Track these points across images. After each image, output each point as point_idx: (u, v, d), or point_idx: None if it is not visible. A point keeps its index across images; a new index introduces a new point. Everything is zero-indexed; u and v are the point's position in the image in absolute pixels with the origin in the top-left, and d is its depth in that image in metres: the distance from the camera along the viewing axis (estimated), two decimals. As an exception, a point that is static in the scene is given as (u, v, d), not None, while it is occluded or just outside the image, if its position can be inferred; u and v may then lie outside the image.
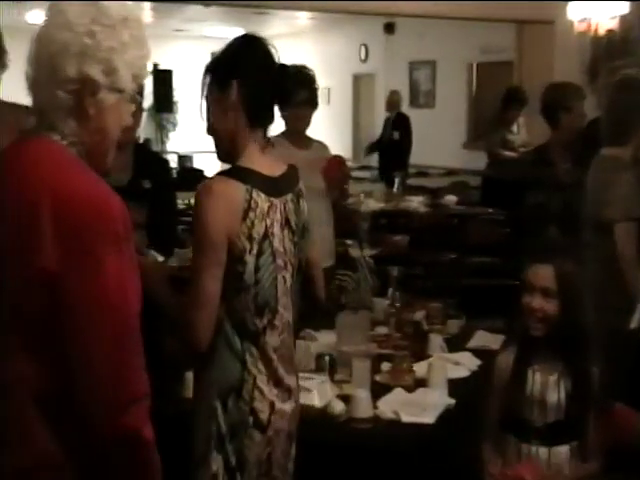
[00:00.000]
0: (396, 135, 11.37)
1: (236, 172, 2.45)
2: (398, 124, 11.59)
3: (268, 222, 2.45)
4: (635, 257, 3.74)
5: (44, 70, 1.77)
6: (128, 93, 1.85)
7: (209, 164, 15.77)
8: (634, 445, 2.75)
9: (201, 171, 14.10)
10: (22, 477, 1.72)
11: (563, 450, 2.73)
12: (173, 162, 16.63)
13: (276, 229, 2.48)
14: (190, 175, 13.86)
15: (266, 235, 2.45)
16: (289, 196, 2.57)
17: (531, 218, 4.96)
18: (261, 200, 2.44)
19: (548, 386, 2.72)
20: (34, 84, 1.80)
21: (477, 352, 3.84)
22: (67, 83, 1.75)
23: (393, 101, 11.79)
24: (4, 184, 1.74)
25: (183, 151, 16.52)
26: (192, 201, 11.36)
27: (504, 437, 2.78)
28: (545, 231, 4.79)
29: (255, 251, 2.42)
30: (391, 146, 11.40)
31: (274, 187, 2.50)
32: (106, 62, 1.77)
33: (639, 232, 3.70)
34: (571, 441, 2.73)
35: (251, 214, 2.41)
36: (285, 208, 2.54)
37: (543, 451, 2.73)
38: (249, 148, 2.49)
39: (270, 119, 2.58)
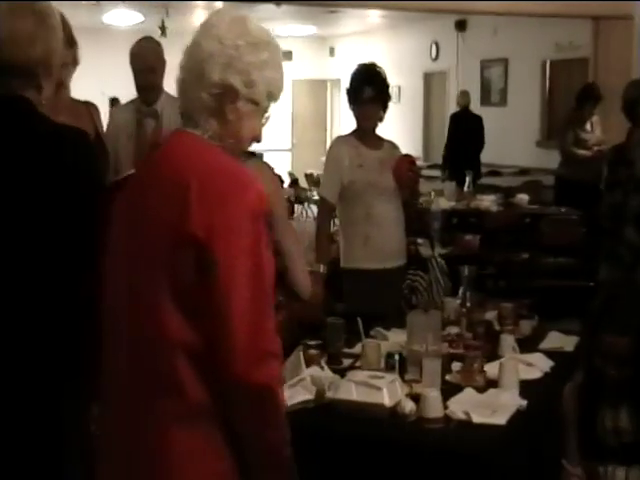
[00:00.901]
0: (461, 134, 11.31)
1: None
2: (465, 122, 11.53)
3: None
4: None
5: (193, 74, 2.02)
6: (262, 107, 2.09)
7: (279, 162, 15.91)
8: None
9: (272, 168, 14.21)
10: (181, 424, 1.92)
11: None
12: (244, 160, 16.80)
13: None
14: (261, 173, 13.98)
15: None
16: None
17: (608, 218, 4.87)
18: None
19: (620, 416, 2.68)
20: (183, 87, 2.07)
21: (550, 353, 3.79)
22: (211, 87, 2.00)
23: (461, 101, 11.75)
24: (161, 170, 2.01)
25: (253, 149, 16.61)
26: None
27: (582, 456, 2.74)
28: (622, 232, 4.71)
29: None
30: (458, 144, 11.33)
31: None
32: (246, 74, 2.01)
33: None
34: None
35: None
36: None
37: (620, 471, 2.69)
38: None
39: None
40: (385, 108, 4.64)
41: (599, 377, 2.69)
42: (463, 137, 11.30)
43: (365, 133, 4.68)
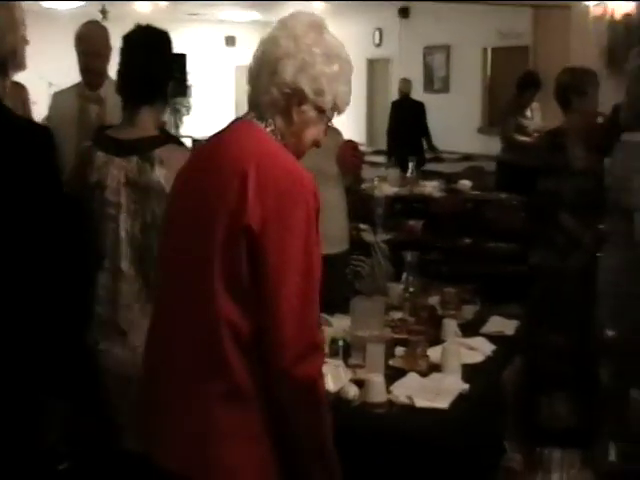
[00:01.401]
0: (402, 121, 11.38)
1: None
2: (406, 109, 11.59)
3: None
4: None
5: (267, 69, 2.13)
6: (326, 116, 2.19)
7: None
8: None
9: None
10: (220, 402, 2.01)
11: (576, 452, 2.74)
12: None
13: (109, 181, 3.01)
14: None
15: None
16: (134, 158, 3.00)
17: (543, 204, 4.93)
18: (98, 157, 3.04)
19: (558, 402, 2.73)
20: (255, 77, 2.18)
21: (491, 337, 3.82)
22: (282, 86, 2.11)
23: (402, 89, 11.81)
24: (222, 157, 2.10)
25: (198, 135, 16.52)
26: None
27: (521, 438, 2.78)
28: (557, 218, 4.77)
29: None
30: (400, 131, 11.39)
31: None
32: (316, 82, 2.11)
33: None
34: (583, 443, 2.74)
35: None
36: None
37: (557, 453, 2.74)
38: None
39: None
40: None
41: (538, 369, 2.73)
42: (405, 124, 11.36)
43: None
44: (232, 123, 2.24)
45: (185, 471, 2.05)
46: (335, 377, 3.08)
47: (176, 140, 3.35)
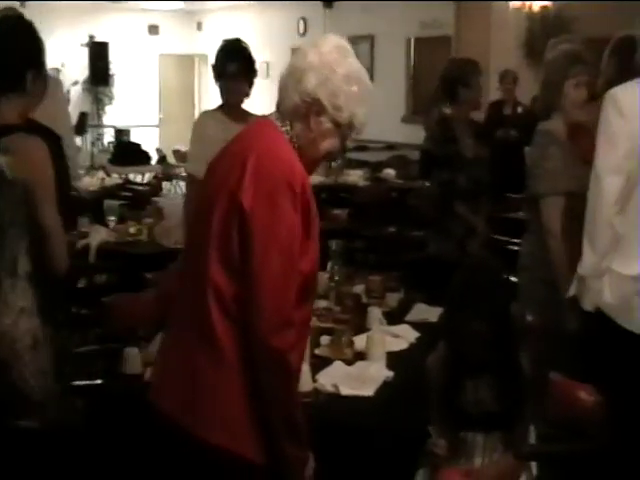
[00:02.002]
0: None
1: None
2: None
3: None
4: (560, 232, 3.74)
5: (293, 77, 2.34)
6: (343, 132, 2.39)
7: (146, 138, 15.66)
8: (573, 414, 2.82)
9: (138, 145, 13.96)
10: (206, 358, 2.24)
11: (497, 436, 2.80)
12: (110, 136, 16.47)
13: None
14: (127, 149, 13.73)
15: None
16: None
17: (439, 194, 5.02)
18: None
19: (480, 386, 2.78)
20: (283, 85, 2.38)
21: (416, 325, 3.88)
22: (304, 94, 2.32)
23: None
24: (234, 148, 2.40)
25: (120, 125, 16.34)
26: (130, 175, 11.13)
27: (445, 423, 2.82)
28: (452, 207, 4.88)
29: None
30: None
31: None
32: (334, 96, 2.32)
33: (569, 207, 3.68)
34: (506, 427, 2.80)
35: None
36: None
37: (480, 437, 2.79)
38: None
39: None
40: (251, 84, 4.64)
41: (460, 354, 2.78)
42: None
43: (231, 108, 4.66)
44: (256, 120, 2.54)
45: (175, 412, 2.29)
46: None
47: (45, 131, 3.24)
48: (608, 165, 3.07)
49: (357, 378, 3.18)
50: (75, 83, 16.09)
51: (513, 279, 3.90)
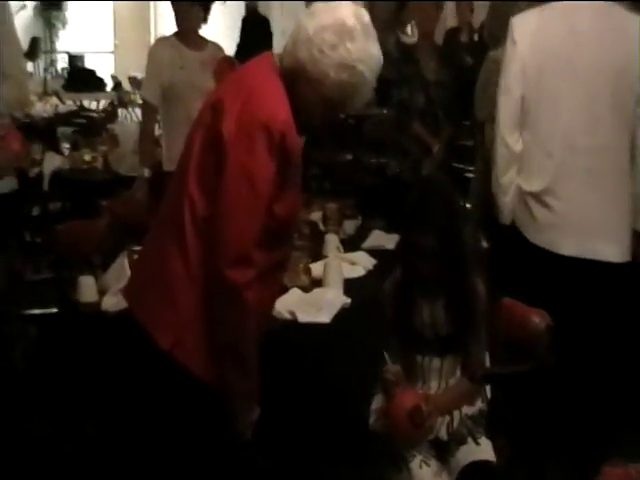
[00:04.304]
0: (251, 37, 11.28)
1: None
2: (252, 24, 11.55)
3: None
4: None
5: (292, 38, 2.30)
6: (331, 107, 2.35)
7: (101, 64, 15.37)
8: (524, 336, 2.85)
9: (92, 71, 13.72)
10: (178, 276, 2.30)
11: (454, 360, 2.82)
12: (63, 62, 16.14)
13: None
14: (81, 75, 13.49)
15: None
16: None
17: (396, 114, 5.10)
18: None
19: (436, 310, 2.79)
20: (288, 41, 2.32)
21: (372, 252, 3.89)
22: (296, 62, 2.27)
23: (249, 4, 11.73)
24: (230, 79, 2.46)
25: (74, 51, 16.00)
26: (84, 102, 10.94)
27: (401, 348, 2.84)
28: (409, 127, 4.92)
29: None
30: (250, 48, 11.26)
31: None
32: (323, 77, 2.26)
33: None
34: (461, 351, 2.82)
35: None
36: None
37: (436, 361, 2.81)
38: None
39: None
40: (207, 9, 4.55)
41: (415, 274, 2.78)
42: (254, 41, 11.22)
43: (187, 34, 4.57)
44: (257, 56, 2.47)
45: (139, 312, 2.38)
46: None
47: None
48: (501, 86, 3.29)
49: (314, 305, 3.18)
50: (23, 7, 15.65)
51: (467, 205, 3.93)
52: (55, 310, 3.26)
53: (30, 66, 13.76)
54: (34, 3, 16.01)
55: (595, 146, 3.21)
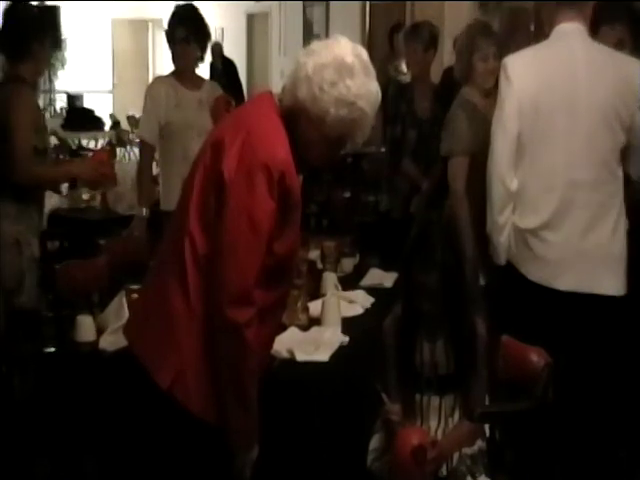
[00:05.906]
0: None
1: None
2: (224, 70, 11.71)
3: None
4: (463, 192, 3.87)
5: (291, 78, 2.29)
6: (331, 145, 2.35)
7: (100, 104, 15.45)
8: (523, 375, 2.85)
9: (91, 110, 13.77)
10: (176, 320, 2.29)
11: (453, 398, 2.81)
12: (62, 101, 16.21)
13: None
14: (80, 114, 13.54)
15: None
16: None
17: (389, 151, 5.22)
18: None
19: (436, 349, 2.79)
20: (289, 79, 2.32)
21: (370, 290, 3.89)
22: (296, 100, 2.28)
23: (214, 50, 11.86)
24: (236, 118, 2.45)
25: (73, 90, 16.08)
26: (82, 141, 11.01)
27: (400, 386, 2.83)
28: (400, 164, 4.97)
29: None
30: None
31: None
32: (323, 114, 2.26)
33: (474, 168, 3.75)
34: (461, 389, 2.81)
35: None
36: None
37: (435, 400, 2.81)
38: None
39: None
40: (203, 48, 4.59)
41: (415, 312, 2.78)
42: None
43: (184, 73, 4.61)
44: (256, 94, 2.55)
45: (144, 351, 2.36)
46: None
47: None
48: (497, 125, 3.28)
49: (312, 343, 3.18)
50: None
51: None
52: (53, 349, 3.25)
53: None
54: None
55: (594, 180, 3.22)
